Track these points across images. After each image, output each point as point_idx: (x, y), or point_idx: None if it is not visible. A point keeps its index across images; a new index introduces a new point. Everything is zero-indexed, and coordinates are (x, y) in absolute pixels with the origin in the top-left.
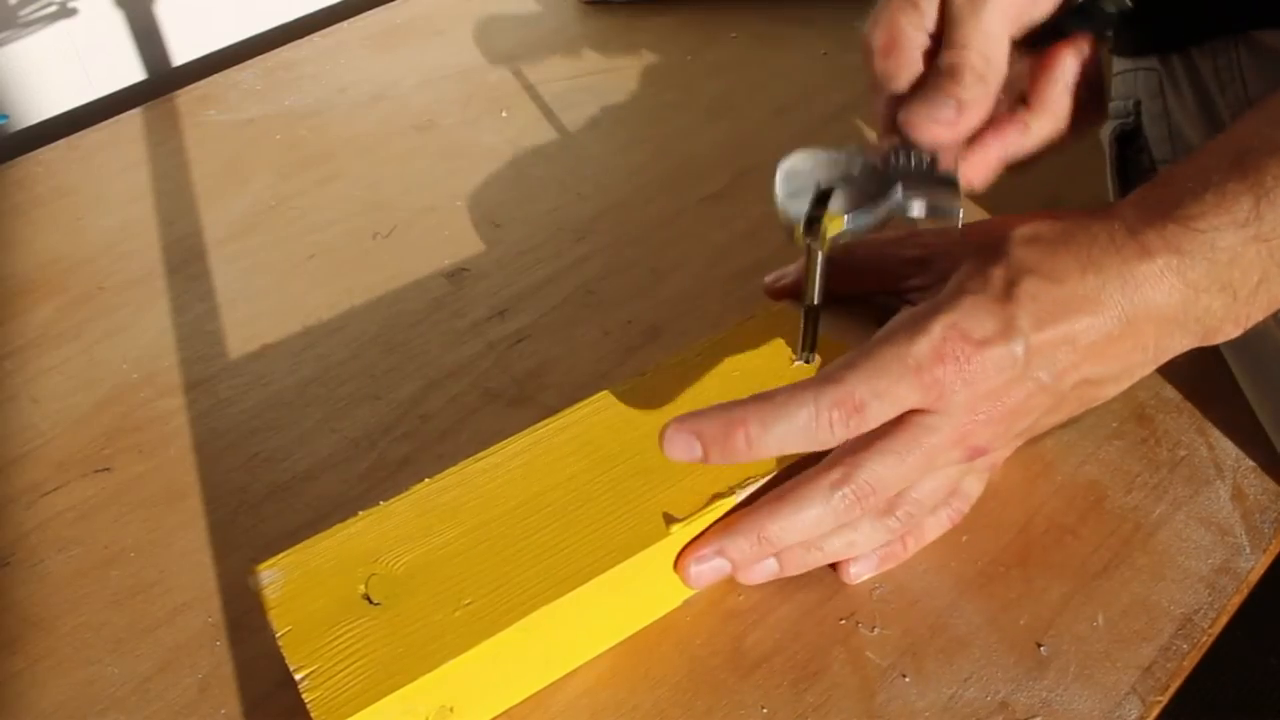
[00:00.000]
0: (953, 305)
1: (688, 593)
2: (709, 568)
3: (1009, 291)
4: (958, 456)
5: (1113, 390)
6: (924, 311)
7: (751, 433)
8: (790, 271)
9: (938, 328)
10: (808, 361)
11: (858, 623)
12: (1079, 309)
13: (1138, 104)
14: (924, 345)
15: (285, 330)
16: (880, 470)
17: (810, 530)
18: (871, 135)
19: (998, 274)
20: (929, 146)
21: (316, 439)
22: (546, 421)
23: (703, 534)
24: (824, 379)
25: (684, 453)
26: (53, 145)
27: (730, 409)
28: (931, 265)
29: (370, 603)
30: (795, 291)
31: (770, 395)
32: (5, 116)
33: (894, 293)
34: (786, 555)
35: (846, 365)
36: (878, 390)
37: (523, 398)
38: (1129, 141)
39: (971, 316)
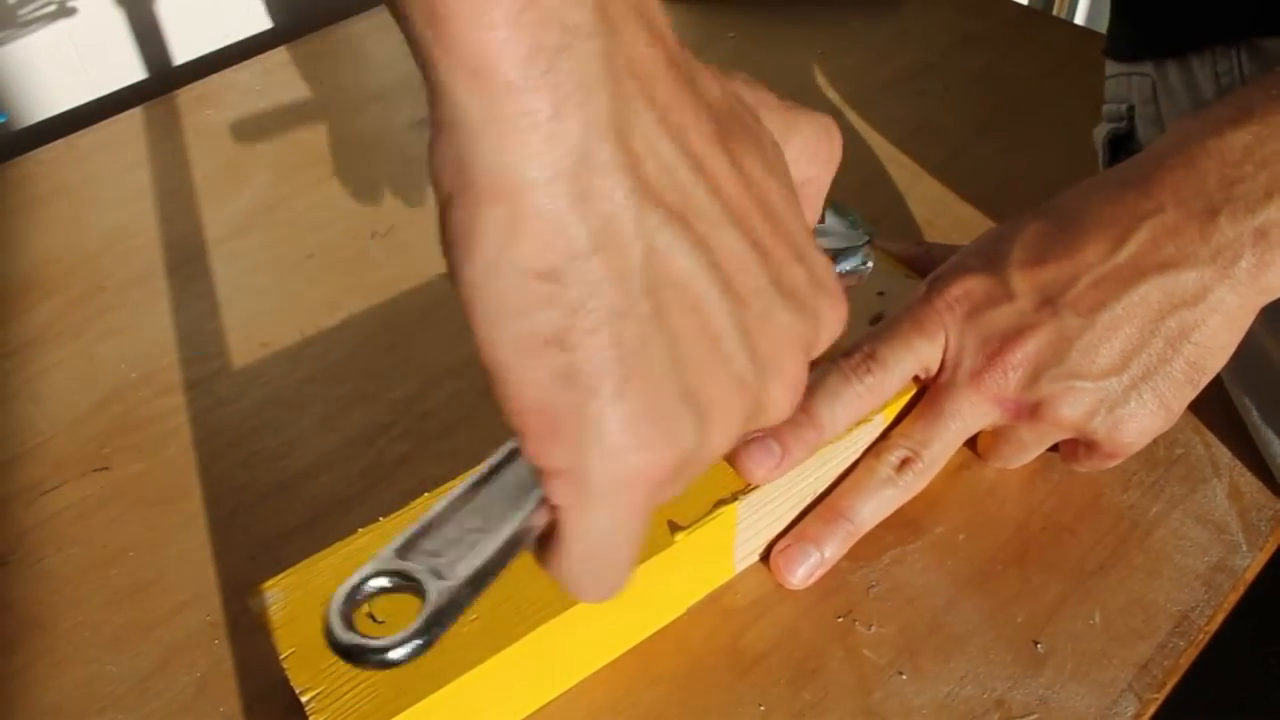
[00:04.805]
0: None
1: (692, 600)
2: (807, 566)
3: (1006, 235)
4: (988, 410)
5: (1210, 323)
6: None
7: (805, 407)
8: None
9: (928, 280)
10: None
11: (855, 621)
12: (1087, 231)
13: (1131, 109)
14: (916, 297)
15: (284, 329)
16: (917, 434)
17: (883, 505)
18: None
19: (1002, 228)
20: None
21: (315, 438)
22: None
23: (787, 533)
24: (842, 351)
25: (766, 458)
26: (52, 145)
27: None
28: None
29: (374, 621)
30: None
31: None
32: (5, 115)
33: None
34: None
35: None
36: (883, 340)
37: None
38: (1122, 145)
39: (962, 261)
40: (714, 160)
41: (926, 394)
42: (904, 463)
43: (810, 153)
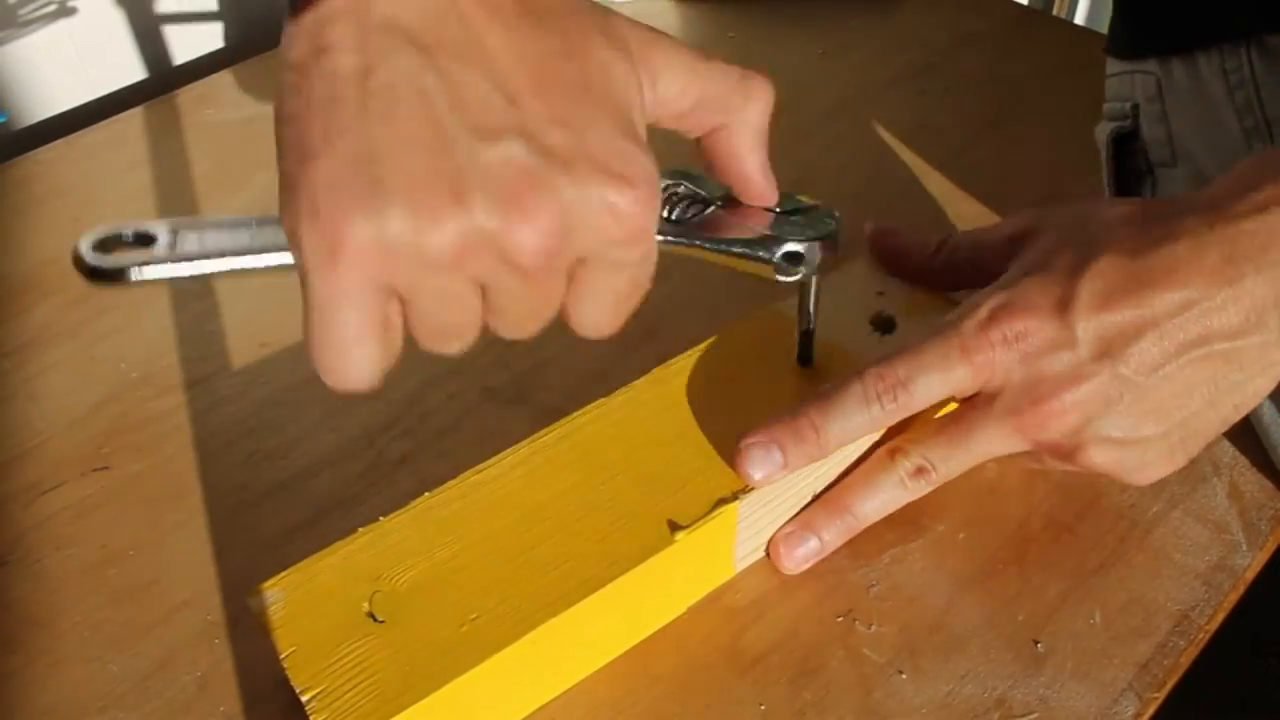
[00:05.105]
0: (1010, 283)
1: (693, 599)
2: (805, 550)
3: (1077, 268)
4: (1018, 444)
5: (1256, 382)
6: (983, 293)
7: (815, 420)
8: (899, 232)
9: (987, 305)
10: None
11: (855, 620)
12: (1161, 282)
13: (1134, 107)
14: (971, 322)
15: (284, 329)
16: (938, 450)
17: (888, 504)
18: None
19: (1068, 253)
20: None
21: (315, 437)
22: (545, 431)
23: (793, 520)
24: (874, 362)
25: (765, 463)
26: (51, 145)
27: (789, 410)
28: (1021, 245)
29: (375, 620)
30: (898, 254)
31: (824, 388)
32: (5, 115)
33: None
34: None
35: (899, 349)
36: (921, 365)
37: (521, 396)
38: (1125, 143)
39: (1027, 293)
40: (492, 29)
41: (955, 411)
42: (918, 471)
43: (717, 101)
